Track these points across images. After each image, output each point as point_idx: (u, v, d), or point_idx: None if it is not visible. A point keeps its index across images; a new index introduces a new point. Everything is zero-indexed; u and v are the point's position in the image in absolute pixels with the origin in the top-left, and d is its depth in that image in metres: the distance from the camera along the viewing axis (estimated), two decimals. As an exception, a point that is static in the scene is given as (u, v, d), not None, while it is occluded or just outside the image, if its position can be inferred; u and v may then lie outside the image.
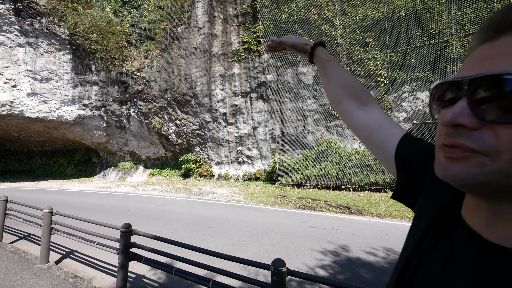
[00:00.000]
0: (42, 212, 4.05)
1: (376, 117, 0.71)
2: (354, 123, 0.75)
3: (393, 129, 0.67)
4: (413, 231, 0.53)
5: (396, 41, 9.76)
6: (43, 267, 3.79)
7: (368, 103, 0.75)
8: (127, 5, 18.16)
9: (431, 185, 0.53)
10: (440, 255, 0.44)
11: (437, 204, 0.50)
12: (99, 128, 19.36)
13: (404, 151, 0.61)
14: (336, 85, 0.81)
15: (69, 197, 10.97)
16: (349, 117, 0.77)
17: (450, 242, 0.44)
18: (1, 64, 16.16)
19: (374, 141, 0.69)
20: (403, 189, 0.61)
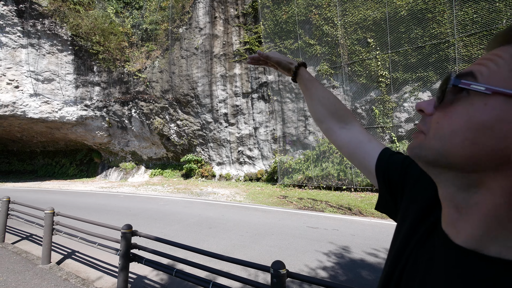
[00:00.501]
0: (44, 213, 4.07)
1: (356, 134, 0.76)
2: (337, 141, 0.80)
3: (372, 145, 0.72)
4: (396, 238, 0.56)
5: (398, 41, 9.74)
6: (45, 268, 3.80)
7: (350, 122, 0.80)
8: (128, 6, 18.23)
9: (409, 194, 0.57)
10: (422, 260, 0.46)
11: (415, 213, 0.53)
12: (101, 129, 19.44)
13: (383, 165, 0.65)
14: (318, 105, 0.85)
15: (71, 198, 11.02)
16: (332, 136, 0.81)
17: (431, 247, 0.46)
18: (4, 65, 16.26)
19: (356, 157, 0.74)
20: (386, 200, 0.65)
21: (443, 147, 0.38)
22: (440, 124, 0.39)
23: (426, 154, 0.41)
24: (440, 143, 0.39)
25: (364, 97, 10.82)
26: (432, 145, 0.40)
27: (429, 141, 0.40)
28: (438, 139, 0.39)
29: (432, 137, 0.40)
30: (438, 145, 0.39)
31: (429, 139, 0.41)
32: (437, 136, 0.39)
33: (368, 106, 10.78)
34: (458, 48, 8.57)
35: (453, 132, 0.37)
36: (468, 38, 8.41)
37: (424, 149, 0.41)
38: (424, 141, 0.42)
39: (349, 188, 10.74)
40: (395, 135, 10.20)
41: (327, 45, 11.38)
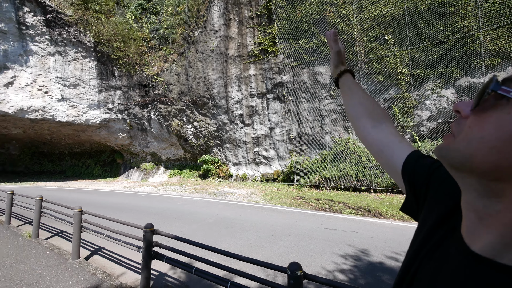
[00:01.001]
0: (73, 211, 4.35)
1: (388, 134, 0.76)
2: (368, 139, 0.81)
3: (401, 146, 0.71)
4: (414, 239, 0.57)
5: (418, 37, 9.38)
6: (75, 263, 4.06)
7: (383, 122, 0.80)
8: (146, 12, 18.87)
9: (432, 197, 0.57)
10: (436, 263, 0.47)
11: (435, 216, 0.53)
12: (123, 131, 20.27)
13: (409, 167, 0.65)
14: (357, 104, 0.88)
15: (96, 197, 11.60)
16: (364, 132, 0.82)
17: (446, 251, 0.46)
18: (35, 72, 17.40)
19: (384, 156, 0.74)
20: (410, 202, 0.65)
21: (469, 151, 0.38)
22: (471, 129, 0.39)
23: (452, 156, 0.41)
24: (467, 147, 0.38)
25: (382, 95, 10.53)
26: (459, 148, 0.40)
27: (457, 144, 0.40)
28: (466, 143, 0.39)
29: (461, 140, 0.40)
30: (464, 148, 0.39)
31: (457, 142, 0.41)
32: (466, 140, 0.39)
33: (387, 104, 10.47)
34: (483, 42, 8.12)
35: (482, 138, 0.36)
36: (494, 31, 7.95)
37: (451, 150, 0.41)
38: (452, 143, 0.42)
39: (368, 189, 10.49)
40: (416, 134, 9.83)
41: (343, 43, 11.16)
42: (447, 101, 9.14)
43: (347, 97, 0.92)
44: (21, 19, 16.46)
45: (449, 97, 9.08)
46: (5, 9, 16.06)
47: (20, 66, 17.07)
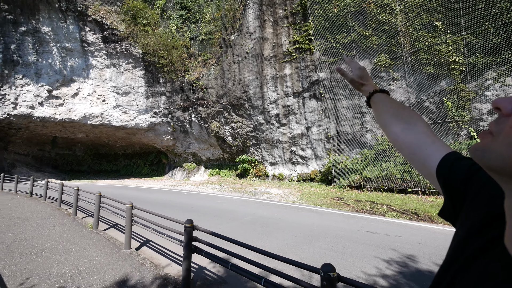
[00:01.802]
0: (125, 206, 4.85)
1: (419, 135, 0.72)
2: (398, 142, 0.76)
3: (435, 147, 0.67)
4: (451, 245, 0.52)
5: (474, 21, 8.29)
6: (127, 252, 4.53)
7: (413, 122, 0.76)
8: (187, 21, 20.06)
9: (471, 201, 0.52)
10: (476, 273, 0.42)
11: (474, 222, 0.48)
12: (167, 133, 21.86)
13: (445, 169, 0.61)
14: (385, 111, 0.86)
15: (145, 194, 12.70)
16: (394, 136, 0.78)
17: (485, 266, 0.42)
18: (94, 83, 19.78)
19: (416, 158, 0.70)
20: (448, 207, 0.60)
21: (509, 154, 0.34)
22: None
23: (490, 158, 0.37)
24: (508, 149, 0.34)
25: (432, 88, 9.56)
26: (498, 149, 0.36)
27: (496, 145, 0.36)
28: (506, 145, 0.35)
29: (501, 141, 0.36)
30: (505, 151, 0.35)
31: (497, 143, 0.36)
32: (507, 141, 0.35)
33: (437, 98, 9.48)
34: None
35: None
36: None
37: (489, 152, 0.37)
38: (490, 143, 0.38)
39: (415, 191, 9.62)
40: (474, 130, 8.71)
41: (385, 35, 10.44)
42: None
43: (378, 112, 0.89)
44: (83, 38, 18.88)
45: (516, 87, 7.86)
46: (71, 31, 18.58)
47: (83, 79, 19.58)
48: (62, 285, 3.34)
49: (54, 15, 18.13)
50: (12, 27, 17.38)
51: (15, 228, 5.96)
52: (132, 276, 3.64)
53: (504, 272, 0.37)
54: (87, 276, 3.61)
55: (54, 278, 3.53)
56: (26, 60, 17.87)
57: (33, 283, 3.40)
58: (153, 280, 3.53)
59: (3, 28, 17.19)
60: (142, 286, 3.36)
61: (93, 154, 29.54)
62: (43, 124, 20.12)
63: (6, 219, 6.80)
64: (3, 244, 4.84)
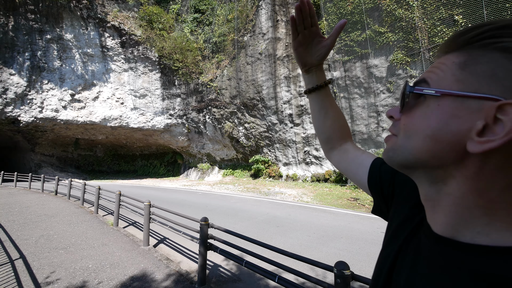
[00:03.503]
0: (143, 204, 5.03)
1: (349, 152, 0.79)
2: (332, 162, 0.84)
3: (365, 156, 0.74)
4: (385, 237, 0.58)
5: (498, 14, 7.89)
6: (145, 249, 4.70)
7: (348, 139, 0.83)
8: (200, 23, 20.43)
9: (399, 196, 0.60)
10: (410, 254, 0.48)
11: (405, 210, 0.56)
12: (182, 134, 22.34)
13: (374, 175, 0.68)
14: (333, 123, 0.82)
15: (162, 193, 13.06)
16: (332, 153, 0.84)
17: (418, 240, 0.48)
18: (114, 87, 20.56)
19: (351, 172, 0.77)
20: (380, 205, 0.68)
21: (410, 145, 0.42)
22: (406, 126, 0.44)
23: (398, 154, 0.45)
24: (407, 141, 0.43)
25: (452, 85, 9.18)
26: (402, 144, 0.44)
27: (399, 142, 0.45)
28: (406, 139, 0.43)
29: (402, 137, 0.44)
30: (406, 144, 0.43)
31: (399, 140, 0.45)
32: (405, 136, 0.44)
33: (458, 95, 9.09)
34: None
35: (416, 131, 0.41)
36: None
37: (396, 150, 0.45)
38: (396, 142, 0.46)
39: (435, 192, 9.26)
40: (499, 128, 8.28)
41: (401, 31, 10.15)
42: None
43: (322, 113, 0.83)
44: (103, 43, 19.71)
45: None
46: (92, 37, 19.44)
47: (103, 83, 20.42)
48: (86, 278, 3.53)
49: (76, 22, 19.06)
50: (38, 35, 18.44)
51: (42, 225, 6.33)
52: (150, 271, 3.78)
53: (427, 241, 0.44)
54: (108, 270, 3.79)
55: (78, 272, 3.73)
56: (51, 66, 18.89)
57: (59, 275, 3.62)
58: (169, 276, 3.65)
59: (30, 37, 18.28)
60: (160, 281, 3.49)
61: (112, 155, 30.68)
62: (66, 127, 21.17)
63: (34, 216, 7.23)
64: (32, 239, 5.17)
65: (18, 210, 8.04)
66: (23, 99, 18.47)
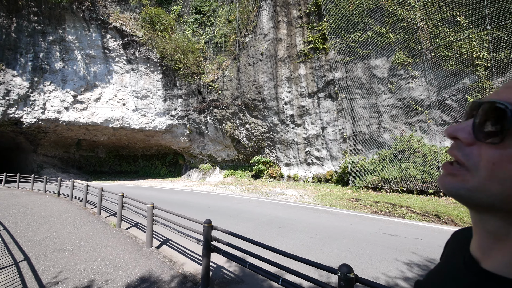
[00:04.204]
0: (146, 206, 5.06)
1: None
2: None
3: None
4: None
5: (500, 14, 7.88)
6: (148, 250, 4.73)
7: None
8: (202, 25, 20.48)
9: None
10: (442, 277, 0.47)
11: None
12: (183, 135, 22.39)
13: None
14: None
15: (163, 194, 13.09)
16: None
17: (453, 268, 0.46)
18: (115, 88, 20.64)
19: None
20: None
21: (505, 193, 0.34)
22: (499, 166, 0.34)
23: (478, 197, 0.37)
24: (501, 188, 0.34)
25: (454, 85, 9.18)
26: (489, 188, 0.35)
27: (484, 184, 0.36)
28: (497, 183, 0.34)
29: (489, 179, 0.35)
30: (498, 190, 0.34)
31: (483, 181, 0.36)
32: (496, 179, 0.34)
33: (460, 95, 9.09)
34: None
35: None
36: None
37: (474, 191, 0.37)
38: (470, 181, 0.37)
39: (437, 193, 9.26)
40: (501, 128, 8.26)
41: (403, 32, 10.15)
42: (546, 87, 7.44)
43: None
44: (105, 45, 19.78)
45: (548, 82, 7.37)
46: (94, 38, 19.53)
47: (105, 84, 20.49)
48: (91, 280, 3.56)
49: (79, 24, 19.14)
50: (41, 37, 18.54)
51: (45, 226, 6.38)
52: (154, 273, 3.80)
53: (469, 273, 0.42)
54: (112, 272, 3.82)
55: (83, 273, 3.76)
56: (53, 68, 18.99)
57: (64, 277, 3.64)
58: (173, 277, 3.67)
59: (33, 38, 18.38)
60: (164, 283, 3.51)
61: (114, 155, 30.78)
62: (68, 128, 21.26)
63: (38, 217, 7.28)
64: (36, 241, 5.21)
65: (21, 212, 8.09)
66: (25, 101, 18.56)
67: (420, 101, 10.13)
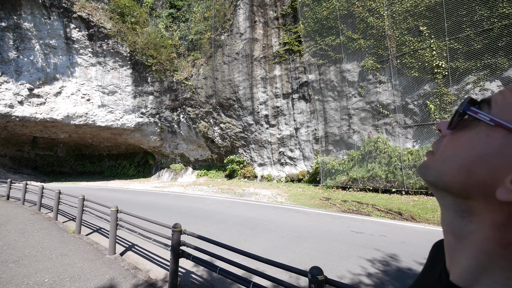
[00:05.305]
0: (110, 210, 4.70)
1: None
2: None
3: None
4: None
5: (457, 27, 8.62)
6: (111, 258, 4.39)
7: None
8: (176, 20, 19.79)
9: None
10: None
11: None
12: (154, 133, 21.46)
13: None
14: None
15: (131, 196, 12.40)
16: None
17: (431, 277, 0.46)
18: (79, 82, 19.14)
19: None
20: None
21: (442, 169, 0.39)
22: (446, 147, 0.40)
23: (430, 174, 0.41)
24: (441, 165, 0.39)
25: (416, 91, 9.85)
26: (435, 166, 0.41)
27: (434, 162, 0.41)
28: (441, 161, 0.40)
29: (438, 158, 0.41)
30: (439, 167, 0.40)
31: (435, 160, 0.41)
32: (441, 158, 0.40)
33: (421, 101, 9.77)
34: (537, 28, 7.23)
35: (453, 156, 0.37)
36: (551, 14, 7.03)
37: (430, 169, 0.42)
38: (431, 161, 0.42)
39: (399, 191, 9.88)
40: (455, 132, 9.05)
41: (372, 38, 10.67)
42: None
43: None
44: (68, 35, 18.25)
45: (494, 91, 8.21)
46: (55, 27, 17.92)
47: (67, 77, 18.91)
48: (41, 294, 3.20)
49: (37, 11, 17.43)
50: (-10, 22, 16.57)
51: (-10, 234, 5.67)
52: (117, 282, 3.53)
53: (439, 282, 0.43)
54: (68, 284, 3.47)
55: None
56: (6, 57, 17.07)
57: (9, 292, 3.23)
58: (137, 286, 3.43)
59: (-20, 23, 16.37)
60: (126, 293, 3.27)
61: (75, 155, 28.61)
62: (22, 124, 19.29)
63: (-19, 224, 6.46)
64: (-23, 251, 4.59)
65: (-39, 218, 7.13)
66: (-30, 92, 16.49)
67: (386, 105, 10.72)
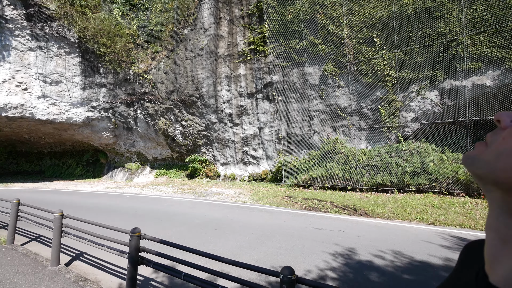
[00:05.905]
0: (53, 215, 4.12)
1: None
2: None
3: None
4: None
5: (404, 40, 9.61)
6: (54, 270, 3.85)
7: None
8: (134, 8, 18.37)
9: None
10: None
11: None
12: (107, 130, 19.64)
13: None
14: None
15: (78, 198, 11.16)
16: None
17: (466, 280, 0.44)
18: (13, 68, 16.53)
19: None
20: None
21: (496, 163, 0.36)
22: (505, 140, 0.37)
23: (478, 166, 0.39)
24: (495, 159, 0.36)
25: (370, 96, 10.72)
26: (486, 158, 0.38)
27: (486, 154, 0.38)
28: (494, 155, 0.37)
29: (491, 151, 0.38)
30: (492, 160, 0.37)
31: (488, 152, 0.38)
32: (496, 151, 0.37)
33: (374, 105, 10.67)
34: (467, 47, 8.42)
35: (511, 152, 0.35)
36: (477, 36, 8.25)
37: (478, 161, 0.39)
38: (482, 153, 0.39)
39: (354, 189, 10.65)
40: (401, 134, 10.08)
41: (333, 45, 11.30)
42: (431, 103, 9.42)
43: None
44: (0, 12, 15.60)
45: (432, 99, 9.35)
46: (-20, 0, 15.17)
47: (-3, 61, 16.17)
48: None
49: (-45, -22, 14.55)
50: None
51: None
52: (61, 297, 3.10)
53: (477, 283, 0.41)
54: (-3, 303, 2.94)
55: None
56: None
57: None
58: (88, 300, 3.06)
59: None
60: (74, 308, 2.89)
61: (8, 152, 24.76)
62: None
63: None
64: None
65: None
66: None
67: (344, 108, 11.45)
